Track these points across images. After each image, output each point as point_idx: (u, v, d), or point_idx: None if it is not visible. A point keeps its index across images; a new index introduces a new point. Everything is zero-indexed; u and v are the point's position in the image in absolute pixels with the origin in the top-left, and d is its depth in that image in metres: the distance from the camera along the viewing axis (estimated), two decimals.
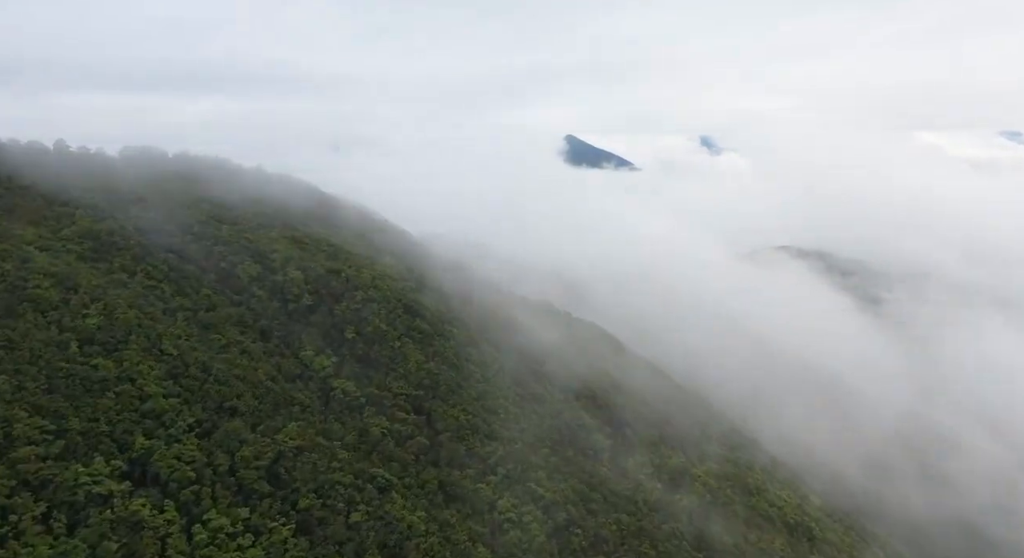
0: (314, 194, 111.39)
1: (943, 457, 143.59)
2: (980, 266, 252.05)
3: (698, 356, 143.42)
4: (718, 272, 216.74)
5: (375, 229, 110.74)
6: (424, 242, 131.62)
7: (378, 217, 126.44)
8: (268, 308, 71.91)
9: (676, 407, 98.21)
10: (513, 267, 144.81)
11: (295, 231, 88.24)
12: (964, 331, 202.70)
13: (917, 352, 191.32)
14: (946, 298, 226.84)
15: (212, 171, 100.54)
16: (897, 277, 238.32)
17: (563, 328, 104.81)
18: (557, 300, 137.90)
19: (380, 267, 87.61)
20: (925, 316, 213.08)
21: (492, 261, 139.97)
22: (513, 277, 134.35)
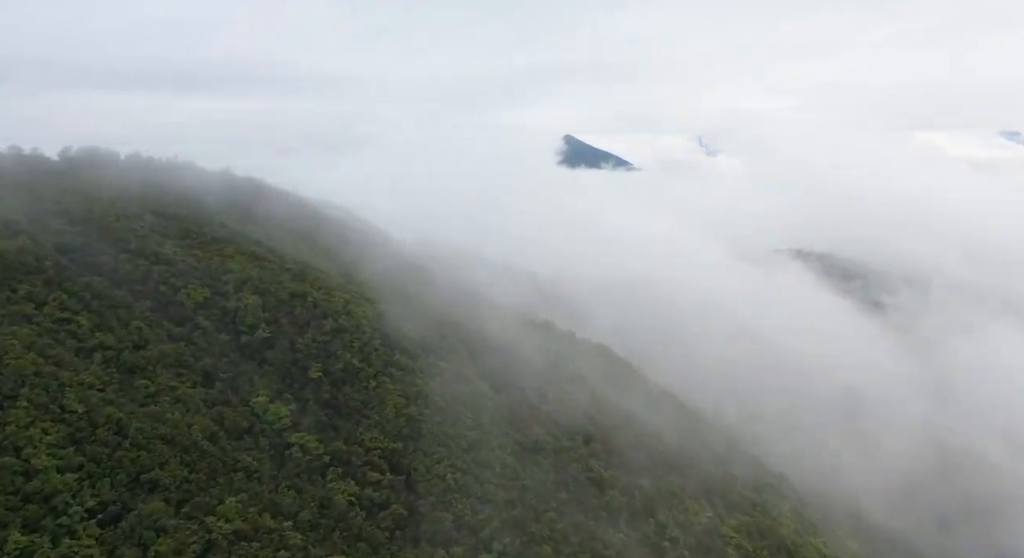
0: (288, 201, 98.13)
1: (975, 481, 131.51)
2: (984, 268, 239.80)
3: (702, 366, 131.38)
4: (720, 277, 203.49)
5: (358, 240, 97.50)
6: (414, 250, 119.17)
7: (363, 226, 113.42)
8: (215, 343, 58.75)
9: (693, 441, 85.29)
10: (509, 277, 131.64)
11: (257, 246, 74.97)
12: (975, 337, 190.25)
13: (929, 361, 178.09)
14: (951, 301, 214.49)
15: (168, 176, 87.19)
16: (900, 279, 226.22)
17: (568, 353, 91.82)
18: (556, 311, 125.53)
19: (356, 288, 74.41)
20: (931, 321, 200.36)
21: (486, 270, 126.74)
22: (509, 289, 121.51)
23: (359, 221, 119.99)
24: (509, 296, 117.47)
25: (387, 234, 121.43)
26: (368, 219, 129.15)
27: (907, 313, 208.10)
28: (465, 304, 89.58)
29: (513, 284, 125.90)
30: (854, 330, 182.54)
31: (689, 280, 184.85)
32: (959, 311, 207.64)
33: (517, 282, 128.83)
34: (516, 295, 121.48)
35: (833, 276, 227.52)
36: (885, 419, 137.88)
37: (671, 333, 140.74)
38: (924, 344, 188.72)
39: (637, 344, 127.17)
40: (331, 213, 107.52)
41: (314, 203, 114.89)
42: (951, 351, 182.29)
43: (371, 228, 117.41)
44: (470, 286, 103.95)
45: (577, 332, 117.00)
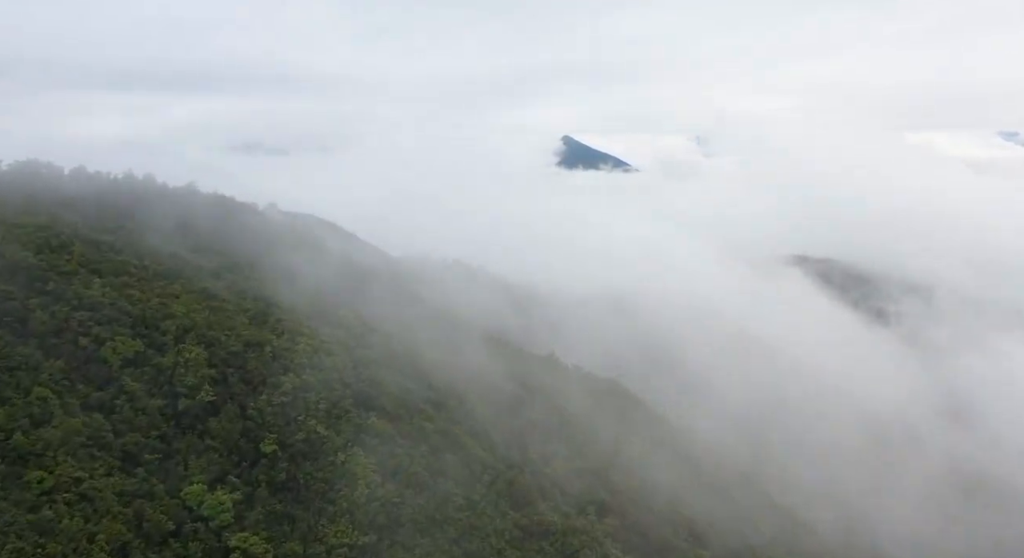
0: (261, 220, 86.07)
1: (1010, 524, 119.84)
2: (988, 275, 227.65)
3: (704, 387, 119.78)
4: (720, 286, 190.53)
5: (338, 263, 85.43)
6: (402, 269, 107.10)
7: (347, 243, 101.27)
8: (144, 411, 46.77)
9: (719, 502, 73.56)
10: (505, 295, 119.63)
11: (213, 280, 63.04)
12: (988, 353, 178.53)
13: (943, 378, 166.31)
14: (957, 311, 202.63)
15: (117, 196, 74.89)
16: (901, 286, 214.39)
17: (575, 393, 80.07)
18: (549, 332, 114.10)
19: (328, 329, 62.42)
20: (939, 334, 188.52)
21: (481, 289, 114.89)
22: (501, 309, 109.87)
23: (343, 236, 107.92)
24: (502, 319, 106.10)
25: (373, 250, 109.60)
26: (354, 232, 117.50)
27: (912, 324, 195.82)
28: (463, 340, 77.68)
29: (506, 304, 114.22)
30: (864, 346, 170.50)
31: (687, 290, 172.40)
32: (967, 322, 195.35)
33: (511, 302, 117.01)
34: (510, 318, 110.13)
35: (833, 283, 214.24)
36: (906, 447, 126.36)
37: (669, 350, 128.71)
38: (935, 359, 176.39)
39: (633, 362, 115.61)
40: (311, 231, 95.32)
41: (293, 219, 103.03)
42: (965, 368, 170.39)
43: (356, 244, 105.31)
44: (463, 313, 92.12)
45: (572, 352, 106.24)
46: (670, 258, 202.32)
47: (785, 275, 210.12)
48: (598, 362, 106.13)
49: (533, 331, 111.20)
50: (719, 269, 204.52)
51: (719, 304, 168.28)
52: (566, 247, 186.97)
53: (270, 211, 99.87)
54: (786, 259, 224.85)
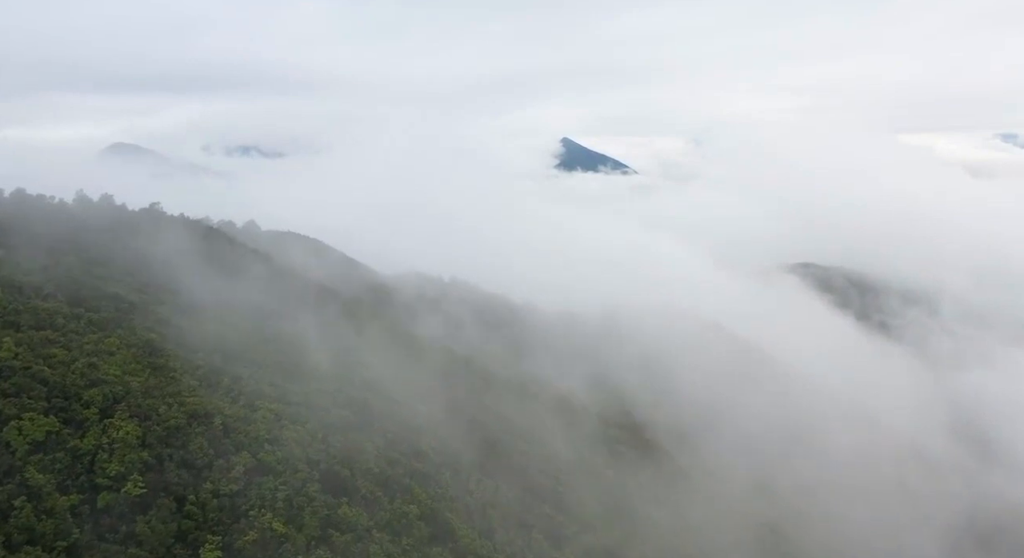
0: (231, 247, 75.82)
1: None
2: (990, 285, 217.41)
3: (718, 414, 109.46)
4: (725, 298, 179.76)
5: (316, 293, 75.29)
6: (393, 290, 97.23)
7: (328, 263, 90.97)
8: (52, 510, 36.89)
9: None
10: (498, 316, 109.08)
11: (159, 329, 52.93)
12: (996, 369, 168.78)
13: (952, 395, 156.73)
14: (960, 322, 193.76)
15: (61, 225, 64.24)
16: (903, 296, 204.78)
17: (586, 441, 70.23)
18: (550, 350, 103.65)
19: (297, 388, 52.35)
20: (944, 348, 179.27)
21: (477, 313, 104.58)
22: (499, 334, 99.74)
23: (327, 257, 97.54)
24: (497, 343, 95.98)
25: (360, 271, 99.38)
26: (342, 247, 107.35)
27: (918, 336, 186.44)
28: (453, 383, 67.67)
29: (500, 327, 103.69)
30: (872, 362, 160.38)
31: (687, 304, 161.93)
32: (973, 334, 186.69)
33: (504, 323, 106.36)
34: (505, 341, 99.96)
35: (835, 292, 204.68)
36: (923, 481, 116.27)
37: (672, 372, 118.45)
38: (943, 374, 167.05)
39: (635, 386, 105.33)
40: (288, 254, 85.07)
41: (275, 238, 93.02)
42: (976, 386, 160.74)
43: (341, 266, 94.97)
44: (457, 343, 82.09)
45: (569, 375, 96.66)
46: (669, 269, 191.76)
47: (788, 285, 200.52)
48: (598, 388, 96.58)
49: (529, 353, 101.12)
50: (720, 279, 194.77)
51: (721, 318, 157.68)
52: (561, 258, 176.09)
53: (249, 230, 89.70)
54: (787, 267, 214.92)
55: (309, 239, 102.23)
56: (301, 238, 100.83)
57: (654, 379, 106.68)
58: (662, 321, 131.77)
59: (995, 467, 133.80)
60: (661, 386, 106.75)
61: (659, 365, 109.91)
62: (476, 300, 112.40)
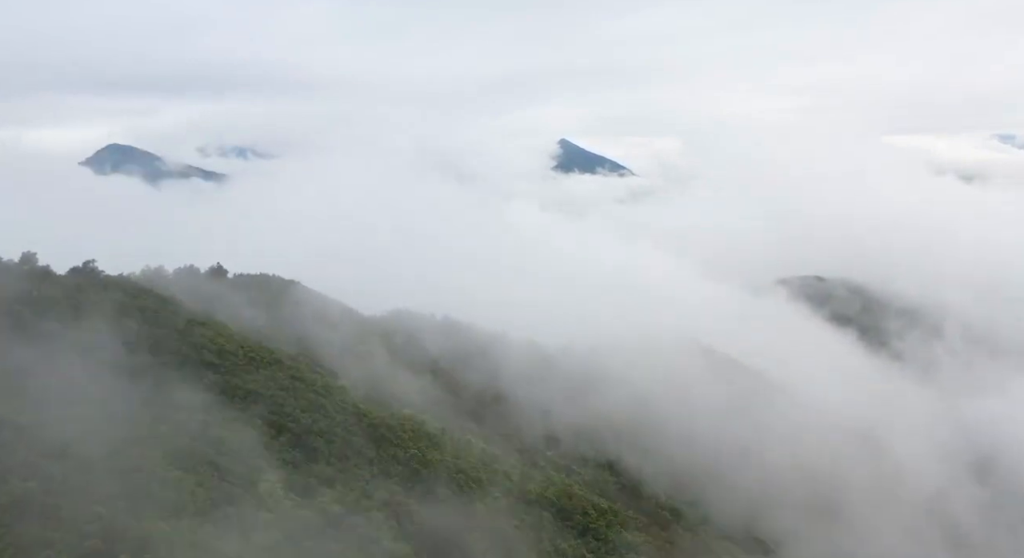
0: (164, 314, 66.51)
1: None
2: (993, 302, 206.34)
3: (724, 466, 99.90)
4: (719, 316, 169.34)
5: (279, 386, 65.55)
6: (376, 329, 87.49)
7: (300, 328, 77.83)
8: None
9: None
10: (516, 375, 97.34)
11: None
12: (1007, 396, 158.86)
13: (961, 425, 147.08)
14: (965, 341, 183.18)
15: None
16: (902, 312, 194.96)
17: None
18: (536, 383, 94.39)
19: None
20: (949, 372, 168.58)
21: (487, 372, 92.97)
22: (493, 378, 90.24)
23: (306, 304, 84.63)
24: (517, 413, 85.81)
25: (341, 316, 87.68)
26: (325, 283, 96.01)
27: (922, 357, 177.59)
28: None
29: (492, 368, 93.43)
30: (881, 388, 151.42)
31: (677, 326, 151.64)
32: (977, 356, 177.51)
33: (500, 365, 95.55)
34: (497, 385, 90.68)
35: (834, 308, 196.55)
36: (942, 529, 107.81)
37: (661, 410, 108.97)
38: (952, 401, 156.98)
39: (623, 433, 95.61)
40: (256, 302, 74.22)
41: (244, 283, 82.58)
42: (985, 416, 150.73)
43: (318, 320, 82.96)
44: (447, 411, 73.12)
45: (558, 422, 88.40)
46: (661, 288, 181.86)
47: (786, 301, 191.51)
48: (585, 437, 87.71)
49: (512, 398, 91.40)
50: (714, 296, 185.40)
51: (716, 340, 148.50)
52: (540, 280, 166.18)
53: (213, 277, 77.32)
54: (783, 280, 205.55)
55: (286, 282, 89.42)
56: (278, 281, 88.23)
57: (644, 422, 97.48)
58: (654, 350, 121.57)
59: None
60: (653, 431, 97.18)
61: (650, 406, 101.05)
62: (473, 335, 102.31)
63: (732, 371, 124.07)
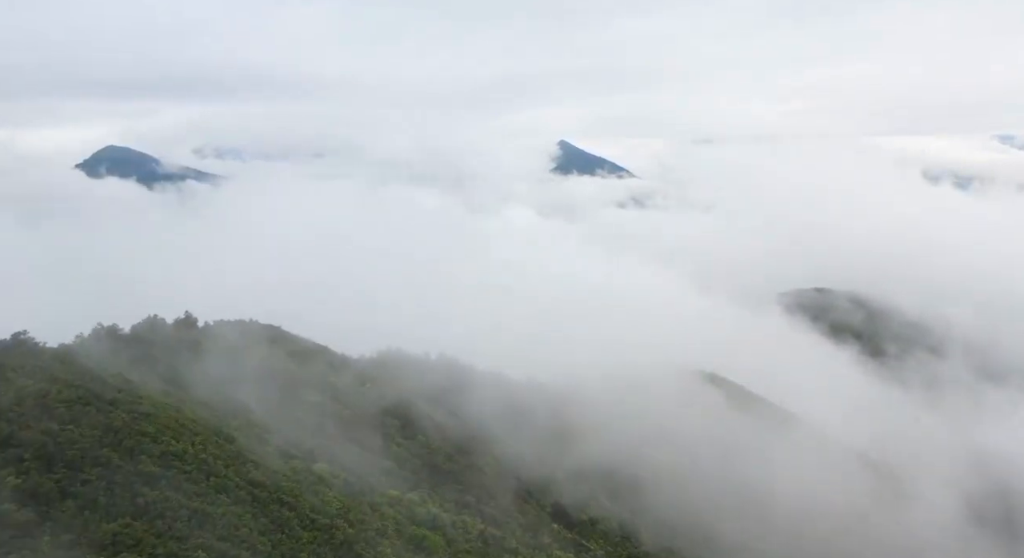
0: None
1: None
2: (992, 313, 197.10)
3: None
4: (718, 336, 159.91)
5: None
6: (361, 373, 79.29)
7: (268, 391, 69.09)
8: None
9: None
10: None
11: None
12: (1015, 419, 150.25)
13: (972, 452, 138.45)
14: (964, 359, 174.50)
15: None
16: (903, 327, 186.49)
17: None
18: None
19: None
20: (955, 395, 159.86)
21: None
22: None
23: (285, 357, 75.76)
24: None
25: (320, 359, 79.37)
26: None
27: (923, 376, 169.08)
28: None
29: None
30: (893, 421, 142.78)
31: (676, 349, 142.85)
32: (980, 378, 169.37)
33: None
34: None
35: (833, 325, 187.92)
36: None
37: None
38: (959, 427, 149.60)
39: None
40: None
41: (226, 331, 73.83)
42: (997, 446, 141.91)
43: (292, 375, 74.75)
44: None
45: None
46: (656, 304, 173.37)
47: (785, 318, 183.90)
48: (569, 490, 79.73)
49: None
50: (711, 314, 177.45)
51: (715, 359, 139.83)
52: (537, 298, 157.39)
53: (182, 329, 67.94)
54: (780, 295, 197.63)
55: (266, 329, 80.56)
56: (259, 328, 79.39)
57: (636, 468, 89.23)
58: (648, 380, 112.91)
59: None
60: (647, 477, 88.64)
61: (642, 447, 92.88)
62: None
63: (733, 400, 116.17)
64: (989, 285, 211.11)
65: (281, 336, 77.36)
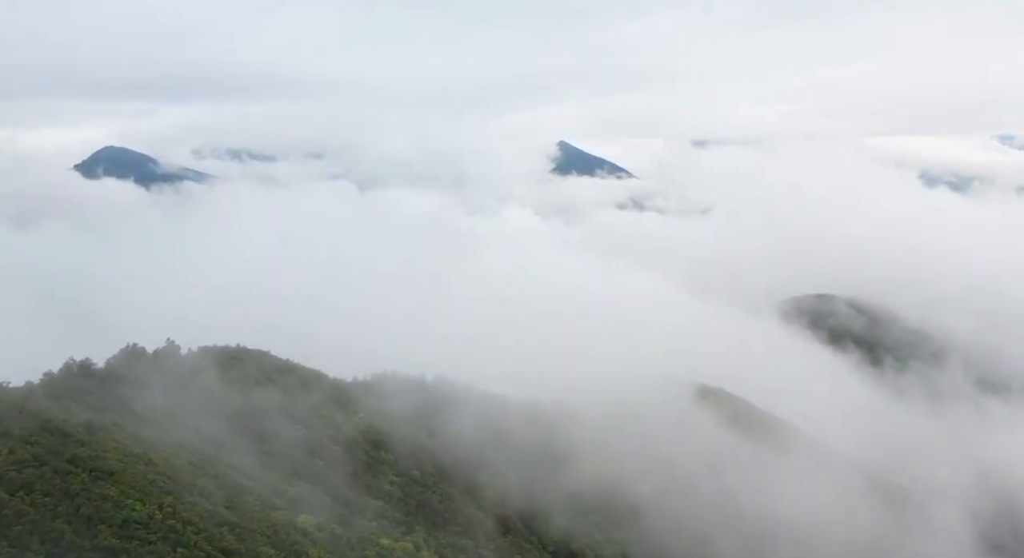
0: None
1: None
2: (993, 322, 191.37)
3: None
4: (717, 347, 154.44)
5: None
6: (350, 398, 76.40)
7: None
8: None
9: None
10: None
11: None
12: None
13: (978, 464, 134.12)
14: (965, 370, 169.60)
15: None
16: (911, 335, 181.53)
17: None
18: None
19: None
20: (959, 406, 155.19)
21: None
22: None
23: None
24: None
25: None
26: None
27: (923, 385, 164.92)
28: None
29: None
30: (896, 433, 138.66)
31: (673, 359, 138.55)
32: (982, 388, 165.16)
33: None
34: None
35: (833, 334, 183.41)
36: None
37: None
38: (958, 435, 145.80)
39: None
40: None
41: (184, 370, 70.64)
42: (997, 456, 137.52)
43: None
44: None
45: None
46: (658, 314, 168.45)
47: (785, 326, 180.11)
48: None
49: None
50: (711, 320, 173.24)
51: (713, 368, 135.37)
52: (533, 309, 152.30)
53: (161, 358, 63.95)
54: (781, 302, 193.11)
55: (247, 353, 76.91)
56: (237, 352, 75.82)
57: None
58: (645, 394, 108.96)
59: None
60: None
61: (638, 467, 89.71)
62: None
63: (731, 416, 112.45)
64: (990, 292, 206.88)
65: (268, 361, 74.56)
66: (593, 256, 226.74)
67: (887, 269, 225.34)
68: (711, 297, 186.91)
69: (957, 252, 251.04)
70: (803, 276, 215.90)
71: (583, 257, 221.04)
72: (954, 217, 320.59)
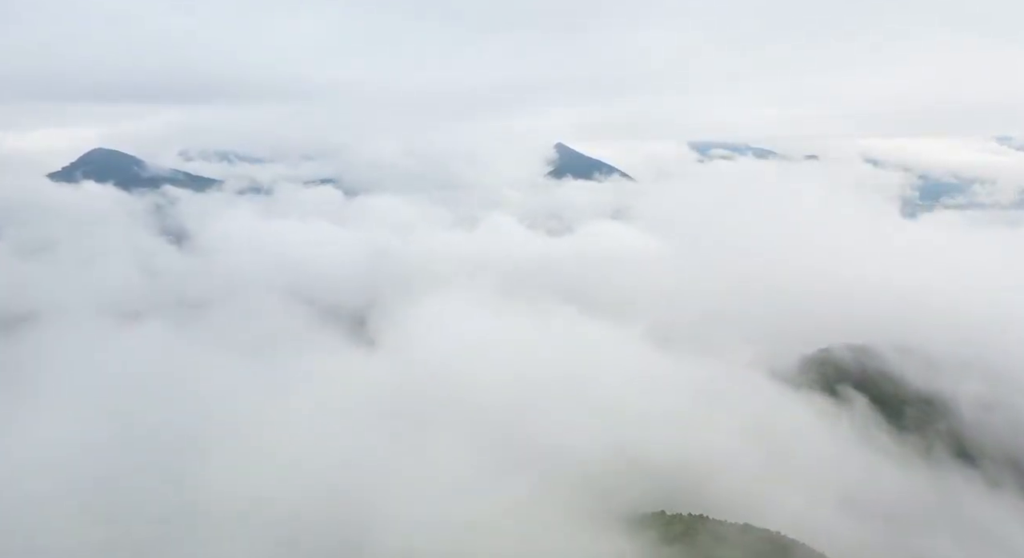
0: None
1: None
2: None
3: None
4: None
5: None
6: None
7: None
8: None
9: None
10: None
11: None
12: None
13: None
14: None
15: None
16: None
17: None
18: None
19: None
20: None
21: None
22: None
23: None
24: None
25: None
26: None
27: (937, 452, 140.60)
28: None
29: None
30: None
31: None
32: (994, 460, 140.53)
33: None
34: None
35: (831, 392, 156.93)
36: None
37: None
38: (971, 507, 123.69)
39: None
40: None
41: None
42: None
43: None
44: None
45: None
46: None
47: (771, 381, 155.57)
48: None
49: None
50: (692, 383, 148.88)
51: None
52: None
53: None
54: (764, 356, 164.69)
55: None
56: None
57: None
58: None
59: None
60: None
61: None
62: None
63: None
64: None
65: None
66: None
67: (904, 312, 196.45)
68: (680, 347, 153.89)
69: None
70: (794, 323, 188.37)
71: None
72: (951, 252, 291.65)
